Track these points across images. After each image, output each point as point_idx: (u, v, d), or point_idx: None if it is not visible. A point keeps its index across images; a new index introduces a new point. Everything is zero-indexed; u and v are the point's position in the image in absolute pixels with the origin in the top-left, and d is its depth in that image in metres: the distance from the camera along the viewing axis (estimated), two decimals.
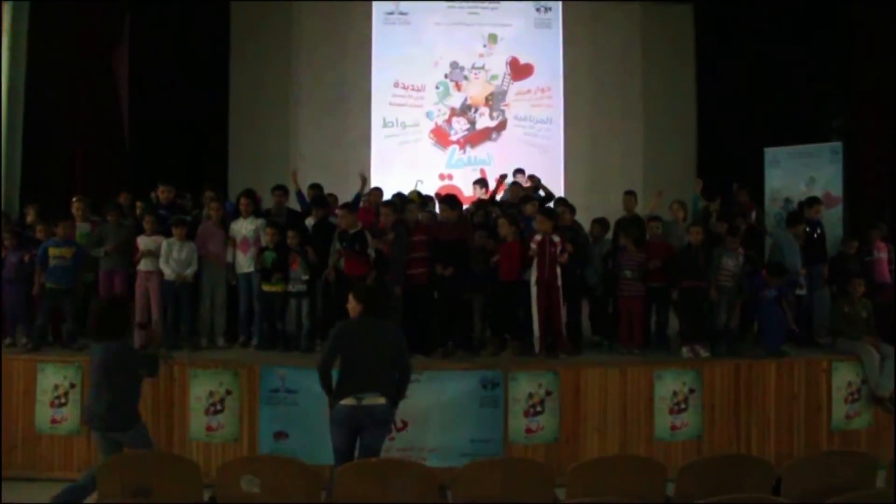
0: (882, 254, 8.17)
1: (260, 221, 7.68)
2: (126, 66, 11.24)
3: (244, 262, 7.62)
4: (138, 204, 8.29)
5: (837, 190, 9.08)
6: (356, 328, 5.34)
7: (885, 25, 10.05)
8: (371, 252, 7.12)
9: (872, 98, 10.46)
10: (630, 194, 8.56)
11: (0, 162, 9.53)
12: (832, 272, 8.09)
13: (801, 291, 7.88)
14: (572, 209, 8.03)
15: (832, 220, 8.87)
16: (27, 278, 7.47)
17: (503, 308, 7.38)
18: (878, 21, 10.23)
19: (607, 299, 7.88)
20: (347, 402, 5.16)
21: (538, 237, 7.11)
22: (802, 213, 8.10)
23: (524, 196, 8.46)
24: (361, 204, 8.30)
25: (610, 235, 8.15)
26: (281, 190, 8.30)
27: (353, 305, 5.38)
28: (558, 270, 7.10)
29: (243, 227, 7.68)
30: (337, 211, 7.52)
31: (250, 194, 7.92)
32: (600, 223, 8.16)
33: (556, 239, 7.14)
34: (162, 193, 8.26)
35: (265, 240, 7.48)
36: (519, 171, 10.05)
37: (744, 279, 7.43)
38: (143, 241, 7.47)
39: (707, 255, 7.34)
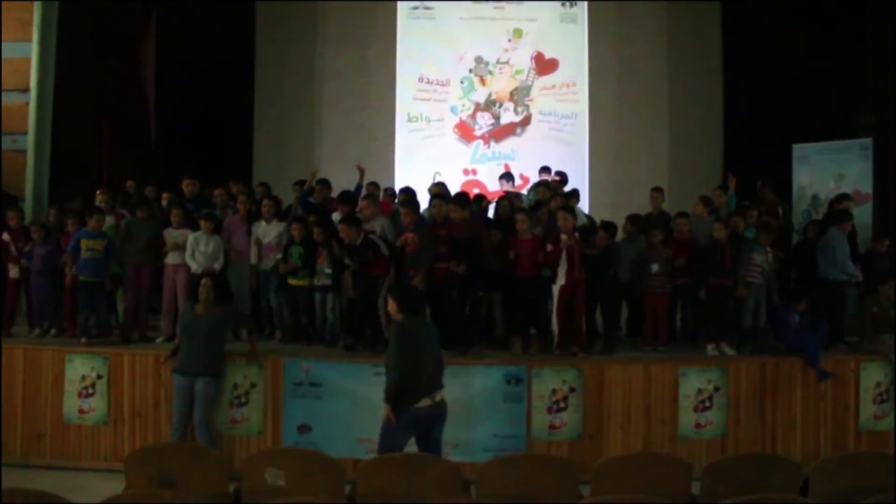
0: None
1: (283, 225, 7.62)
2: (153, 61, 11.35)
3: (268, 260, 7.63)
4: (164, 196, 8.33)
5: (867, 187, 8.95)
6: (412, 328, 5.33)
7: None
8: (384, 251, 7.05)
9: None
10: (658, 191, 8.49)
11: (28, 158, 9.65)
12: (862, 271, 7.96)
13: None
14: (612, 232, 7.73)
15: (862, 217, 8.74)
16: (54, 271, 7.57)
17: (522, 304, 7.33)
18: None
19: (638, 297, 7.75)
20: (424, 403, 5.21)
21: (564, 236, 7.03)
22: (849, 211, 7.95)
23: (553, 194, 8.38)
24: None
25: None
26: (300, 185, 8.33)
27: (392, 308, 5.43)
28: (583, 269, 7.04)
29: (268, 233, 7.63)
30: (339, 226, 7.36)
31: (273, 196, 7.88)
32: (632, 221, 8.02)
33: (576, 234, 7.09)
34: (186, 187, 8.29)
35: (286, 237, 7.51)
36: (544, 170, 10.01)
37: (773, 278, 7.35)
38: (169, 235, 7.52)
39: (734, 252, 7.25)
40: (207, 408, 6.35)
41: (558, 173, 9.56)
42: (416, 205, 7.83)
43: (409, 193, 8.27)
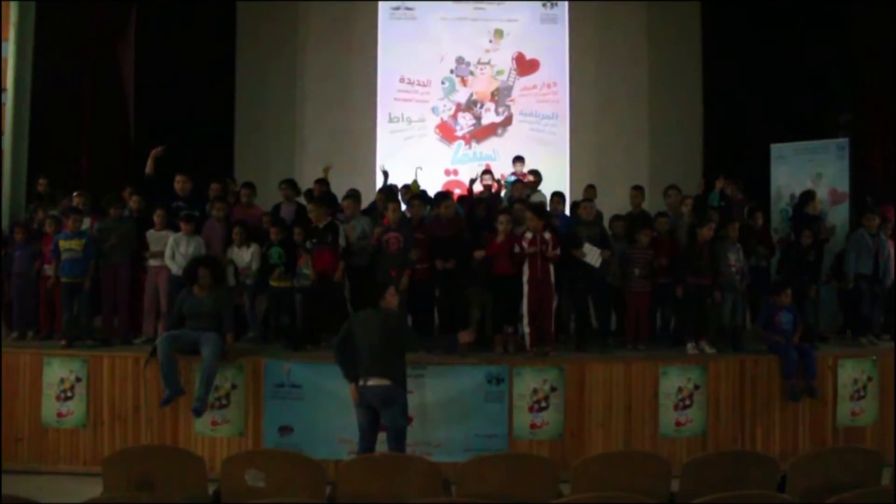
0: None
1: (254, 247, 7.51)
2: (132, 63, 11.25)
3: (247, 259, 7.58)
4: (134, 198, 8.00)
5: (844, 186, 9.03)
6: (356, 319, 5.89)
7: (893, 21, 9.98)
8: (342, 242, 7.17)
9: (879, 94, 10.39)
10: (637, 189, 8.50)
11: (4, 158, 9.54)
12: (838, 267, 8.05)
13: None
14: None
15: (839, 216, 8.83)
16: (36, 273, 7.51)
17: (502, 303, 7.32)
18: (885, 16, 10.16)
19: (619, 296, 7.74)
20: (360, 383, 5.70)
21: (529, 235, 7.05)
22: (870, 207, 8.06)
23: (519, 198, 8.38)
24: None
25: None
26: (287, 184, 8.29)
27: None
28: (551, 268, 7.07)
29: (240, 258, 7.53)
30: (308, 206, 7.52)
31: (241, 222, 7.72)
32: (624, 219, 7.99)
33: (548, 236, 7.07)
34: (178, 184, 8.05)
35: (256, 265, 7.48)
36: (518, 160, 10.00)
37: (747, 274, 7.42)
38: (152, 236, 7.46)
39: (711, 251, 7.29)
40: (214, 365, 6.47)
41: (532, 172, 9.55)
42: (399, 203, 7.84)
43: (390, 192, 8.31)
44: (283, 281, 7.37)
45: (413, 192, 8.62)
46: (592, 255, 7.24)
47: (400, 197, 8.75)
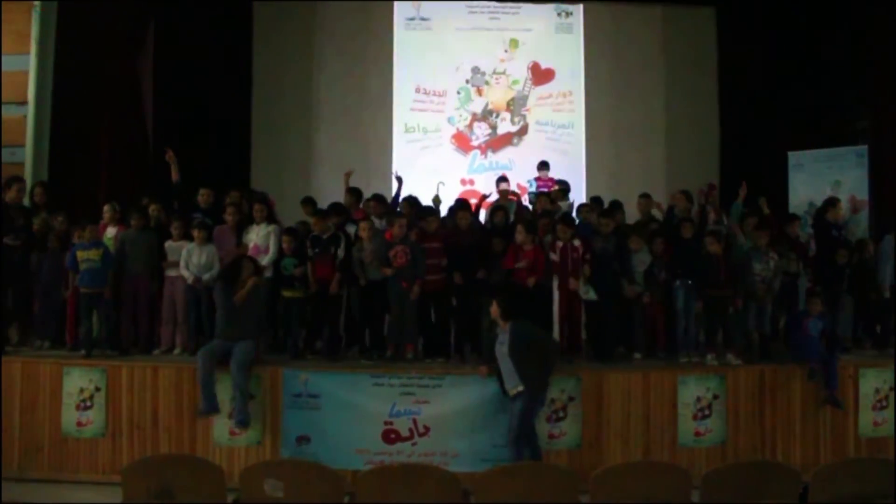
0: None
1: (273, 227, 7.60)
2: (150, 70, 11.35)
3: (261, 234, 7.54)
4: (152, 207, 8.02)
5: (863, 193, 8.97)
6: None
7: None
8: (340, 253, 7.22)
9: None
10: (644, 197, 8.44)
11: (25, 170, 9.64)
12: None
13: None
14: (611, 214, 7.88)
15: (860, 223, 8.75)
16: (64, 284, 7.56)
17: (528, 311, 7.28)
18: None
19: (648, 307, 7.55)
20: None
21: (559, 244, 7.12)
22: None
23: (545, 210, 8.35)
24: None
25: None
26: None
27: (495, 312, 6.28)
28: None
29: (255, 234, 7.58)
30: (312, 219, 7.55)
31: (264, 199, 7.89)
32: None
33: (577, 244, 7.12)
34: (201, 197, 8.08)
35: (273, 248, 7.45)
36: (543, 165, 10.00)
37: (774, 285, 7.34)
38: (170, 247, 7.50)
39: (728, 262, 7.23)
40: (245, 369, 6.58)
41: (559, 182, 9.53)
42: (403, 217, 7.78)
43: (387, 204, 8.29)
44: (296, 291, 7.37)
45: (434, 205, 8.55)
46: (588, 293, 7.27)
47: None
